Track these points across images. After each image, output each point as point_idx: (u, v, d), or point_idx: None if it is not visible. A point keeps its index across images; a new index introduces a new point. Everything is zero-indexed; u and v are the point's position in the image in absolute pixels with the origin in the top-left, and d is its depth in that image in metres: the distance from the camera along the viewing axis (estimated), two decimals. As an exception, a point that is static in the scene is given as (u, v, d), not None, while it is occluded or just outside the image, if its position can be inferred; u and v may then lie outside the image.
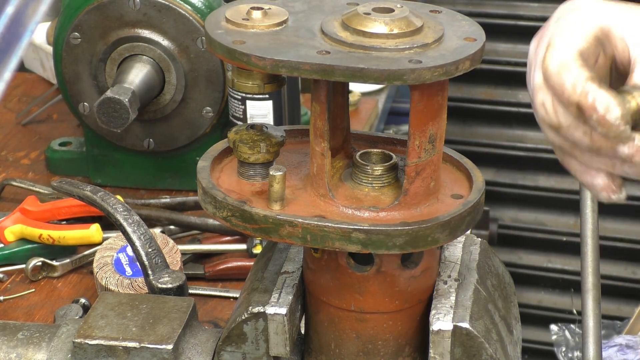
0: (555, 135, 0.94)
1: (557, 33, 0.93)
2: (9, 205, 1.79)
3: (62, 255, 1.64)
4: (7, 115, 2.19)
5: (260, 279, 1.07)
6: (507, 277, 1.14)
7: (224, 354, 1.05)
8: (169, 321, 1.08)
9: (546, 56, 0.92)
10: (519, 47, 3.17)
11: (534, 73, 0.94)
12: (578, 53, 0.91)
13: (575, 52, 0.91)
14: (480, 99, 3.26)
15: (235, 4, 1.01)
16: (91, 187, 1.36)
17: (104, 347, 1.05)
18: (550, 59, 0.91)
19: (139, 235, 1.27)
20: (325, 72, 0.91)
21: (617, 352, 2.39)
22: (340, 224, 0.95)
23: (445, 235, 0.96)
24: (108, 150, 1.86)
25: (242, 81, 1.00)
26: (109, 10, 1.73)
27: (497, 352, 1.00)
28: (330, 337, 1.05)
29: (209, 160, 1.05)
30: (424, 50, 0.92)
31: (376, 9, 0.95)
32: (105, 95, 1.64)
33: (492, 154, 3.24)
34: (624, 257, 3.10)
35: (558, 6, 0.98)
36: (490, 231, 2.79)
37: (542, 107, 0.93)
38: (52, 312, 1.52)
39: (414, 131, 0.95)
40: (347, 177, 1.02)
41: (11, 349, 1.10)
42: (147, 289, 1.26)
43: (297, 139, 1.11)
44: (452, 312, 1.00)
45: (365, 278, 1.00)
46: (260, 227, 0.97)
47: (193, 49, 1.74)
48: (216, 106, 1.79)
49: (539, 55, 0.94)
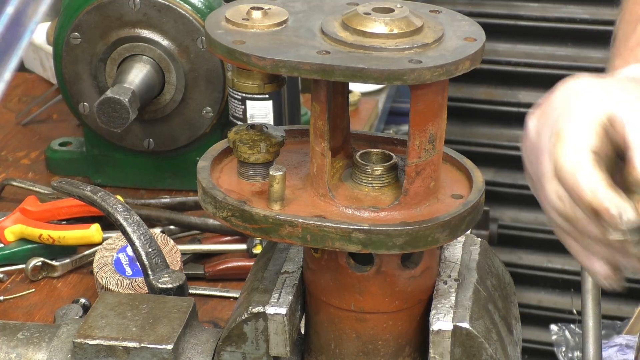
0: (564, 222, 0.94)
1: (565, 124, 0.92)
2: (9, 205, 1.79)
3: (62, 255, 1.64)
4: (7, 115, 2.19)
5: (260, 279, 1.07)
6: (507, 277, 1.14)
7: (224, 354, 1.05)
8: (169, 321, 1.08)
9: (558, 152, 0.92)
10: (519, 47, 3.17)
11: (543, 160, 0.94)
12: (591, 152, 0.91)
13: (589, 152, 0.90)
14: (480, 99, 3.26)
15: (235, 4, 1.01)
16: (91, 187, 1.36)
17: (104, 347, 1.05)
18: (564, 157, 0.91)
19: (139, 235, 1.27)
20: (325, 72, 0.91)
21: (617, 352, 2.39)
22: (340, 224, 0.95)
23: (445, 235, 0.96)
24: (108, 150, 1.86)
25: (242, 81, 1.00)
26: (109, 10, 1.73)
27: (497, 352, 1.00)
28: (330, 337, 1.05)
29: (209, 160, 1.05)
30: (424, 50, 0.92)
31: (376, 9, 0.95)
32: (105, 95, 1.64)
33: (492, 154, 3.24)
34: (624, 257, 3.09)
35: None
36: (490, 231, 2.79)
37: (556, 198, 0.93)
38: (52, 312, 1.52)
39: (414, 131, 0.95)
40: (347, 177, 1.02)
41: (11, 349, 1.10)
42: (147, 289, 1.26)
43: (297, 139, 1.11)
44: (452, 312, 1.00)
45: (365, 278, 1.00)
46: (260, 227, 0.97)
47: (193, 49, 1.74)
48: (216, 106, 1.79)
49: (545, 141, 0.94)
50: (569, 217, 0.93)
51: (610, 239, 0.90)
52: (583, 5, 3.08)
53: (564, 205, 0.93)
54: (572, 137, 0.92)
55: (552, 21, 3.10)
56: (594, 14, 3.07)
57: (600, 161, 0.91)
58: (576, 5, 3.09)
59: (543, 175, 0.94)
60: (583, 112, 0.93)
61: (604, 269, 0.95)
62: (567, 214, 0.93)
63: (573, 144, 0.91)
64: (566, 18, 3.10)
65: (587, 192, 0.89)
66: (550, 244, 3.21)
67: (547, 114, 0.96)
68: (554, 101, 0.96)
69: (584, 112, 0.93)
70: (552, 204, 0.94)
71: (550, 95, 0.98)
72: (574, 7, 3.09)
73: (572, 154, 0.91)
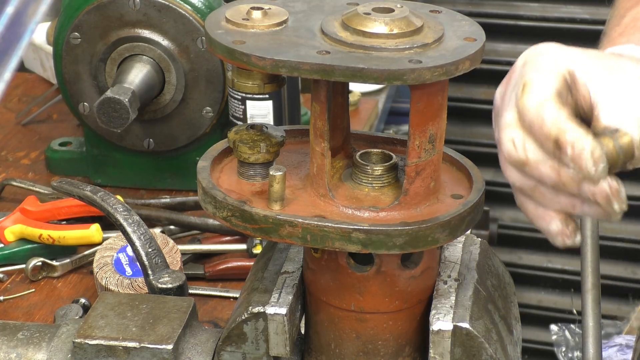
0: (518, 175, 0.95)
1: (531, 74, 0.94)
2: (9, 205, 1.79)
3: (62, 255, 1.64)
4: (7, 115, 2.19)
5: (260, 279, 1.07)
6: (507, 277, 1.14)
7: (224, 354, 1.05)
8: (169, 321, 1.08)
9: (523, 95, 0.93)
10: (519, 47, 3.16)
11: (504, 113, 0.95)
12: (556, 92, 0.92)
13: (553, 91, 0.92)
14: (480, 99, 3.25)
15: (235, 4, 1.01)
16: (91, 187, 1.36)
17: (104, 347, 1.05)
18: (528, 98, 0.92)
19: (139, 235, 1.27)
20: (325, 72, 0.91)
21: (617, 352, 2.39)
22: (340, 224, 0.95)
23: (445, 235, 0.96)
24: (108, 150, 1.86)
25: (242, 81, 1.00)
26: (109, 10, 1.73)
27: (497, 352, 1.00)
28: (330, 337, 1.05)
29: (209, 160, 1.05)
30: (424, 50, 0.92)
31: (376, 9, 0.95)
32: (105, 95, 1.64)
33: (492, 154, 3.23)
34: (624, 257, 3.10)
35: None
36: (490, 231, 2.79)
37: (510, 143, 0.94)
38: (52, 312, 1.52)
39: (414, 131, 0.95)
40: (347, 177, 1.02)
41: (11, 349, 1.10)
42: (147, 289, 1.26)
43: (297, 139, 1.11)
44: (452, 312, 1.00)
45: (365, 278, 1.00)
46: (260, 227, 0.97)
47: (193, 49, 1.74)
48: (216, 106, 1.79)
49: (511, 97, 0.95)
50: (521, 161, 0.93)
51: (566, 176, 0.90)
52: (583, 5, 3.08)
53: (515, 148, 0.93)
54: (537, 83, 0.93)
55: (552, 21, 3.10)
56: (594, 14, 3.07)
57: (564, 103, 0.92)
58: (576, 5, 3.09)
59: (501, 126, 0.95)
60: (547, 65, 0.95)
61: (558, 225, 0.97)
62: (519, 157, 0.93)
63: (538, 87, 0.93)
64: (566, 18, 3.09)
65: (550, 124, 0.90)
66: (550, 244, 3.19)
67: (513, 75, 0.98)
68: (517, 65, 0.98)
69: (548, 65, 0.95)
70: (505, 153, 0.94)
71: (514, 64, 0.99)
72: (574, 7, 3.09)
73: (537, 95, 0.92)
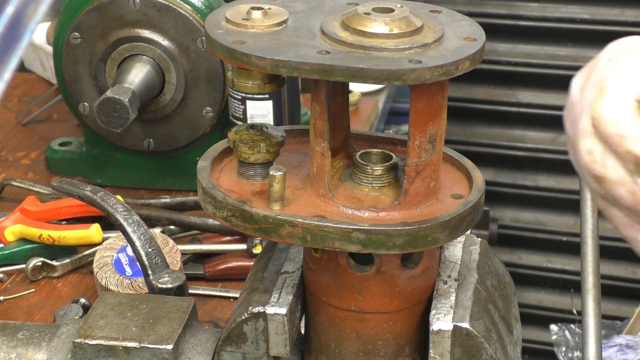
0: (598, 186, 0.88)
1: (612, 77, 0.85)
2: (9, 205, 1.79)
3: (62, 255, 1.64)
4: (7, 115, 2.19)
5: (260, 279, 1.07)
6: (507, 277, 1.14)
7: (224, 354, 1.05)
8: (169, 321, 1.08)
9: (600, 102, 0.85)
10: (519, 47, 3.17)
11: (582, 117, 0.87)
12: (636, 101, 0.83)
13: (633, 101, 0.83)
14: (480, 99, 3.25)
15: (235, 4, 1.01)
16: (91, 187, 1.36)
17: (104, 347, 1.05)
18: (606, 107, 0.84)
19: (139, 235, 1.27)
20: (325, 72, 0.91)
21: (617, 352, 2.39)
22: (340, 224, 0.95)
23: (445, 235, 0.96)
24: (108, 150, 1.86)
25: (242, 81, 1.00)
26: (109, 10, 1.73)
27: (497, 352, 1.00)
28: (330, 337, 1.05)
29: (209, 160, 1.05)
30: (424, 50, 0.92)
31: (376, 9, 0.95)
32: (105, 95, 1.64)
33: (492, 154, 3.24)
34: (624, 257, 3.10)
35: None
36: (490, 231, 2.79)
37: (589, 155, 0.86)
38: (52, 312, 1.52)
39: (414, 131, 0.95)
40: (347, 177, 1.02)
41: (11, 349, 1.10)
42: (147, 289, 1.26)
43: (297, 139, 1.11)
44: (452, 312, 1.00)
45: (365, 278, 1.00)
46: (260, 227, 0.97)
47: (193, 49, 1.74)
48: (216, 106, 1.79)
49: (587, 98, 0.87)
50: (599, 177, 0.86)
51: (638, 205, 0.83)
52: (583, 5, 3.08)
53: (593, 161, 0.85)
54: (616, 89, 0.84)
55: (552, 21, 3.10)
56: (594, 14, 3.07)
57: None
58: (576, 5, 3.09)
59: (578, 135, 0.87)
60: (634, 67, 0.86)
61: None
62: (597, 172, 0.86)
63: (616, 94, 0.84)
64: (566, 18, 3.09)
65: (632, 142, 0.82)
66: (550, 244, 3.21)
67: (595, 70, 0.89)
68: (601, 59, 0.89)
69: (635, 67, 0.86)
70: (583, 162, 0.87)
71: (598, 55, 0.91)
72: (574, 7, 3.09)
73: (615, 104, 0.83)
